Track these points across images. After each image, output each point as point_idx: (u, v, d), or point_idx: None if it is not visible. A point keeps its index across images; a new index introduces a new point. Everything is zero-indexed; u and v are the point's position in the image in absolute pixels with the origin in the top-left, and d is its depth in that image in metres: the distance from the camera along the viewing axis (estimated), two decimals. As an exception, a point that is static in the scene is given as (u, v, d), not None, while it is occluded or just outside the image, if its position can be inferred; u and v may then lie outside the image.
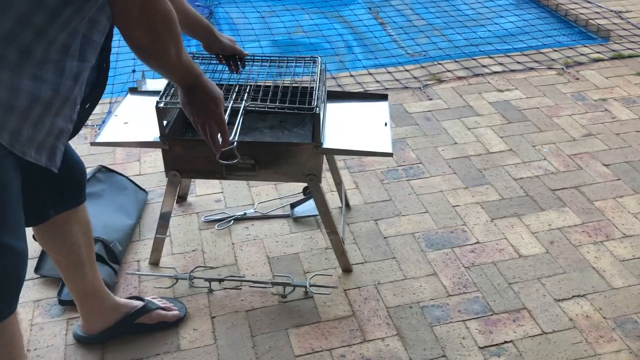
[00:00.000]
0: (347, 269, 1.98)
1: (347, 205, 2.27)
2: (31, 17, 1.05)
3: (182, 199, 2.29)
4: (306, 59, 1.96)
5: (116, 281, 1.93)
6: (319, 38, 3.78)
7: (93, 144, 1.79)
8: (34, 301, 1.87)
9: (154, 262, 2.01)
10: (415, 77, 3.26)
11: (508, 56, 3.49)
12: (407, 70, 3.35)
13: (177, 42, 1.26)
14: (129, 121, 1.87)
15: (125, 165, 2.50)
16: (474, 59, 3.46)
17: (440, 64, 3.42)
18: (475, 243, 2.11)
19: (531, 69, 3.33)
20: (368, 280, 1.95)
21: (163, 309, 1.79)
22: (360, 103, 2.01)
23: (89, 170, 2.30)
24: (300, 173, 1.76)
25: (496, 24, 4.00)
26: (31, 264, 1.93)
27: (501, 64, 3.39)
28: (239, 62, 1.91)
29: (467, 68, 3.35)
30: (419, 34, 3.86)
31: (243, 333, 1.77)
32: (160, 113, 1.69)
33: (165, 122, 1.75)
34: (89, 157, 2.48)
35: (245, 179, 1.85)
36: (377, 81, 3.22)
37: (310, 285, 1.87)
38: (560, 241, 2.12)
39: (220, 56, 1.90)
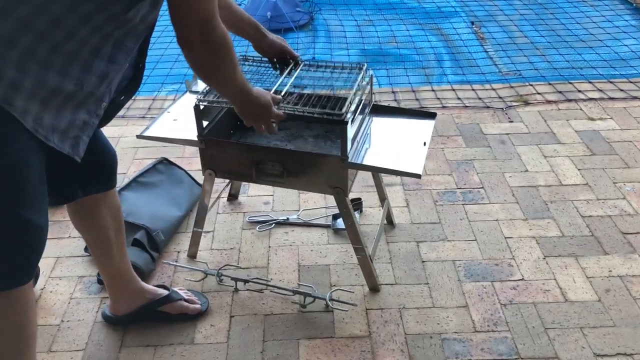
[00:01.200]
0: (374, 288, 1.93)
1: (391, 223, 2.21)
2: (64, 19, 1.13)
3: (233, 197, 2.36)
4: (353, 65, 1.93)
5: (152, 269, 2.03)
6: (410, 50, 3.71)
7: (139, 136, 1.89)
8: (78, 277, 2.01)
9: (192, 255, 2.08)
10: (500, 97, 3.10)
11: (611, 82, 3.21)
12: (493, 89, 3.19)
13: (232, 64, 1.39)
14: (178, 118, 1.96)
15: (191, 159, 2.62)
16: (571, 83, 3.22)
17: (531, 85, 3.22)
18: (520, 280, 1.96)
19: (634, 97, 3.04)
20: (393, 303, 1.89)
21: (186, 300, 1.85)
22: (407, 119, 1.95)
23: (151, 161, 2.44)
24: (327, 185, 1.74)
25: (607, 46, 3.69)
26: (82, 244, 2.09)
27: (600, 90, 3.13)
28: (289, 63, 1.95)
29: (559, 92, 3.13)
30: (517, 52, 3.66)
31: (256, 336, 1.78)
32: (199, 113, 1.75)
33: (206, 122, 1.81)
34: (160, 148, 2.62)
35: (273, 185, 1.86)
36: (458, 98, 3.10)
37: (331, 299, 1.85)
38: (618, 290, 1.91)
39: (271, 60, 1.92)
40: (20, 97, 1.13)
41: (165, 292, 1.84)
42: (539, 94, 3.12)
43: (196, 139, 1.80)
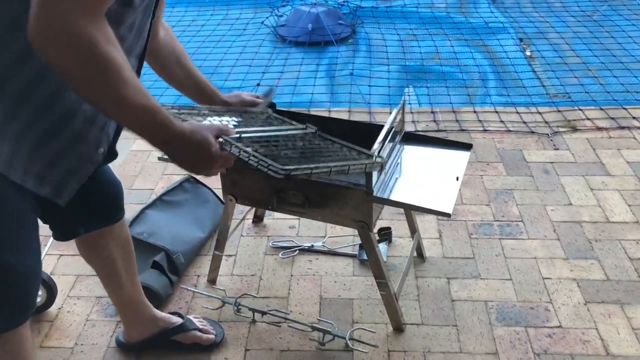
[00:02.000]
0: (398, 328, 1.82)
1: (422, 256, 2.09)
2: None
3: (259, 219, 2.29)
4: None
5: (170, 293, 1.97)
6: (453, 67, 3.57)
7: (160, 159, 1.84)
8: (96, 297, 1.97)
9: (211, 280, 2.02)
10: (546, 122, 2.94)
11: (669, 109, 3.00)
12: (539, 113, 3.03)
13: (109, 79, 0.99)
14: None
15: (218, 178, 2.55)
16: (625, 109, 3.03)
17: (580, 109, 3.04)
18: (557, 327, 1.82)
19: (695, 127, 2.83)
20: (418, 345, 1.77)
21: (200, 330, 1.79)
22: (441, 150, 1.83)
23: (178, 178, 2.39)
24: (350, 218, 1.65)
25: (669, 69, 3.47)
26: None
27: (656, 117, 2.93)
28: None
29: (611, 118, 2.94)
30: (567, 73, 3.47)
31: (270, 374, 1.71)
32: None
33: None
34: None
35: (295, 214, 1.77)
36: (501, 121, 2.95)
37: (351, 339, 1.75)
38: (667, 346, 1.75)
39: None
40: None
41: (179, 320, 1.78)
42: (588, 119, 2.94)
43: (217, 163, 1.73)
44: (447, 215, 1.55)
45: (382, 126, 1.67)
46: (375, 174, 1.57)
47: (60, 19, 0.92)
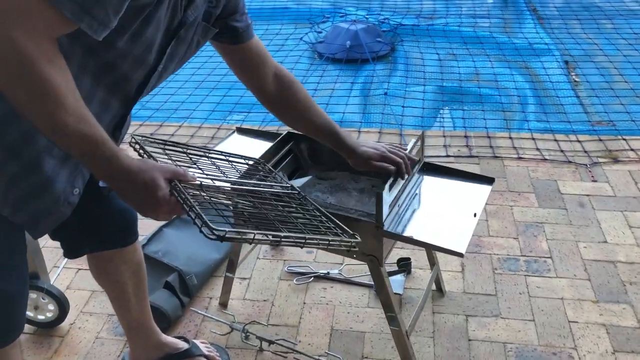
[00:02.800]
0: (409, 367, 1.74)
1: (441, 290, 2.01)
2: None
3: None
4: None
5: (180, 315, 1.95)
6: (492, 89, 3.46)
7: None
8: (108, 314, 1.97)
9: (223, 304, 1.99)
10: (585, 151, 2.80)
11: None
12: (579, 141, 2.89)
13: (50, 96, 0.94)
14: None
15: (242, 195, 2.54)
16: (673, 140, 2.86)
17: (624, 139, 2.89)
18: (580, 377, 1.71)
19: None
20: (428, 387, 1.69)
21: (206, 356, 1.75)
22: (461, 182, 1.75)
23: (199, 197, 2.38)
24: (360, 251, 1.59)
25: None
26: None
27: None
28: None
29: (657, 150, 2.78)
30: (613, 99, 3.31)
31: (272, 407, 1.66)
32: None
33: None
34: (213, 181, 2.57)
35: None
36: (537, 148, 2.83)
37: (357, 375, 1.69)
38: (701, 406, 1.61)
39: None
40: None
41: (185, 345, 1.75)
42: (632, 150, 2.79)
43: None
44: (460, 255, 1.47)
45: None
46: (386, 208, 1.51)
47: (3, 32, 0.88)
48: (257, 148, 1.69)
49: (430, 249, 1.54)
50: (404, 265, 2.07)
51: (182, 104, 3.44)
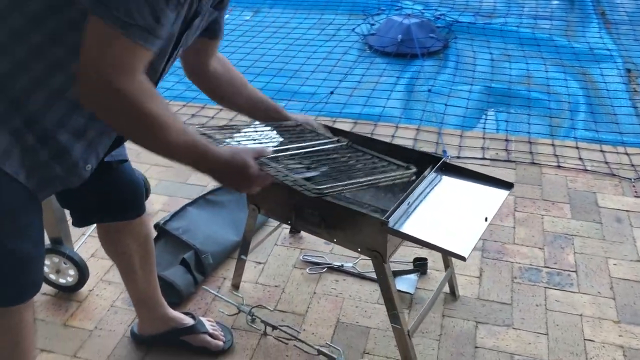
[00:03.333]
0: (409, 367, 1.72)
1: (454, 293, 1.96)
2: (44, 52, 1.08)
3: (296, 230, 2.26)
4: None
5: (193, 291, 1.99)
6: (542, 94, 3.34)
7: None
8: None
9: (235, 285, 2.02)
10: (632, 165, 2.66)
11: None
12: (627, 154, 2.75)
13: (155, 128, 1.09)
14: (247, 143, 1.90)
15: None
16: None
17: (677, 155, 2.73)
18: (587, 397, 1.63)
19: None
20: (425, 389, 1.66)
21: (210, 335, 1.79)
22: (478, 185, 1.70)
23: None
24: (365, 246, 1.57)
25: None
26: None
27: None
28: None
29: None
30: (673, 113, 3.13)
31: (267, 391, 1.67)
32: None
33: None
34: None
35: (310, 233, 1.72)
36: (580, 158, 2.72)
37: (354, 370, 1.68)
38: None
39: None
40: None
41: (190, 321, 1.79)
42: (683, 167, 2.63)
43: (243, 172, 1.73)
44: (462, 259, 1.43)
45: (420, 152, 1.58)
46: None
47: (102, 82, 1.01)
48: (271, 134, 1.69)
49: (433, 249, 1.50)
50: (420, 266, 2.04)
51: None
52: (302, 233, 2.26)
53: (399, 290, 1.96)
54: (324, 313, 1.92)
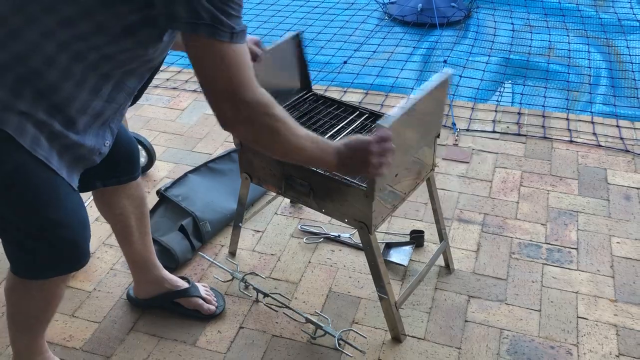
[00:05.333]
0: (396, 338, 1.72)
1: (448, 267, 1.95)
2: (57, 56, 1.11)
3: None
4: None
5: (190, 257, 2.03)
6: (563, 66, 3.23)
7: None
8: (125, 248, 2.09)
9: (231, 252, 2.04)
10: (648, 141, 2.58)
11: None
12: (644, 130, 2.66)
13: (285, 132, 1.19)
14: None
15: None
16: None
17: (698, 132, 2.62)
18: (573, 375, 1.62)
19: None
20: (411, 360, 1.67)
21: (203, 299, 1.82)
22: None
23: (229, 148, 2.43)
24: (351, 216, 1.57)
25: None
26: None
27: None
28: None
29: None
30: (699, 88, 3.00)
31: (254, 356, 1.70)
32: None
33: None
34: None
35: (301, 203, 1.72)
36: (594, 133, 2.64)
37: (340, 339, 1.69)
38: None
39: None
40: (12, 120, 1.13)
41: (185, 285, 1.83)
42: (703, 145, 2.54)
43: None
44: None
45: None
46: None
47: (241, 104, 1.11)
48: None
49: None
50: (416, 238, 2.03)
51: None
52: (302, 203, 2.27)
53: (392, 262, 1.97)
54: (316, 282, 1.93)
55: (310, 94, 1.91)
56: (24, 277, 1.35)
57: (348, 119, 1.77)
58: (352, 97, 2.98)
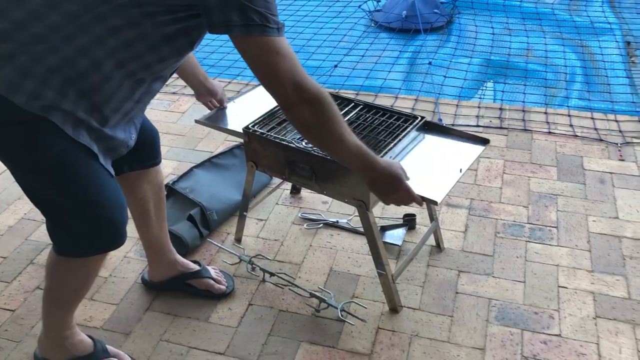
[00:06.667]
0: (394, 309, 1.87)
1: (439, 246, 2.11)
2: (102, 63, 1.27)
3: (297, 191, 2.42)
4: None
5: (198, 244, 2.17)
6: (540, 65, 3.44)
7: (197, 121, 2.03)
8: (136, 238, 2.19)
9: (237, 239, 2.19)
10: (620, 131, 2.77)
11: None
12: (616, 121, 2.86)
13: (337, 120, 1.36)
14: (240, 109, 2.06)
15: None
16: None
17: (666, 122, 2.82)
18: (555, 335, 1.78)
19: None
20: (407, 328, 1.82)
21: (214, 279, 1.96)
22: (457, 142, 1.84)
23: (232, 144, 2.59)
24: (351, 196, 1.73)
25: None
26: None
27: None
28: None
29: (697, 134, 2.70)
30: (667, 83, 3.21)
31: (264, 329, 1.84)
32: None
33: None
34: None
35: (304, 187, 1.88)
36: (571, 125, 2.83)
37: (342, 310, 1.84)
38: (670, 375, 1.65)
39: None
40: (57, 115, 1.27)
41: (196, 267, 1.97)
42: (670, 133, 2.73)
43: (242, 130, 1.89)
44: (434, 203, 1.58)
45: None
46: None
47: (303, 86, 1.28)
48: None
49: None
50: (408, 221, 2.19)
51: (235, 62, 3.64)
52: (302, 193, 2.42)
53: (387, 242, 2.13)
54: (318, 263, 2.08)
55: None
56: (67, 255, 1.49)
57: (344, 111, 1.93)
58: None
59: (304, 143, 1.76)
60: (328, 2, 4.54)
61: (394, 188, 1.49)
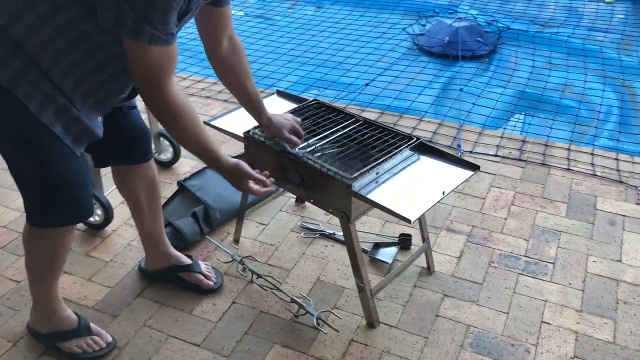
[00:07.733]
0: (370, 324, 1.90)
1: (429, 268, 2.12)
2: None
3: (302, 200, 2.48)
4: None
5: (198, 240, 2.26)
6: (575, 102, 3.37)
7: (205, 123, 2.12)
8: (143, 228, 2.33)
9: (236, 239, 2.27)
10: (643, 175, 2.69)
11: None
12: (641, 164, 2.78)
13: (183, 130, 1.54)
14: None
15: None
16: None
17: (694, 170, 2.72)
18: (528, 370, 1.75)
19: None
20: (380, 344, 1.84)
21: (204, 275, 2.04)
22: (449, 165, 1.86)
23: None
24: (335, 206, 1.77)
25: None
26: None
27: None
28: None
29: None
30: None
31: (241, 327, 1.90)
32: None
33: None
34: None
35: (294, 194, 1.94)
36: (592, 164, 2.77)
37: (317, 318, 1.87)
38: None
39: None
40: (22, 89, 1.38)
41: (188, 261, 2.05)
42: (696, 182, 2.63)
43: (242, 135, 1.97)
44: (408, 221, 1.60)
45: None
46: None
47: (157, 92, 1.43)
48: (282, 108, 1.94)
49: (385, 212, 1.67)
50: (402, 241, 2.21)
51: (272, 73, 3.76)
52: (306, 203, 2.48)
53: (378, 259, 2.15)
54: (307, 271, 2.13)
55: (314, 101, 2.13)
56: (33, 225, 1.60)
57: (343, 124, 1.98)
58: (368, 115, 3.19)
59: (300, 151, 1.83)
60: (373, 23, 4.61)
61: (238, 184, 1.67)
